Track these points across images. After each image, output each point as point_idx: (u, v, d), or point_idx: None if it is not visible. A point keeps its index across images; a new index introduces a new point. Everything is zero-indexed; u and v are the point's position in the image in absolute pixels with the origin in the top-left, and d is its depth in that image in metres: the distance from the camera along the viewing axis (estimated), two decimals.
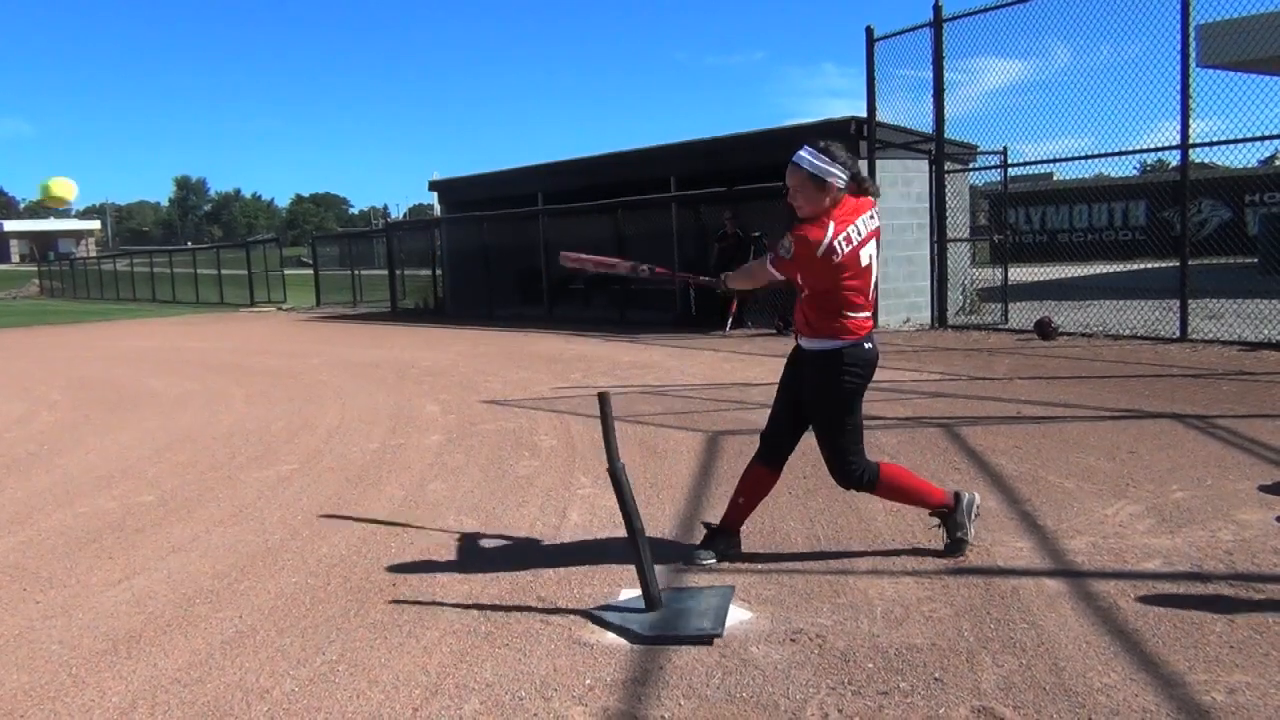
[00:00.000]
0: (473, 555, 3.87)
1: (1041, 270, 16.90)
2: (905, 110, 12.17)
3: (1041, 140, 17.25)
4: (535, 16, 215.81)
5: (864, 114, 12.21)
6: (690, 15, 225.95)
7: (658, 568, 3.29)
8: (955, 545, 3.60)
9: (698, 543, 3.75)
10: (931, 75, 11.66)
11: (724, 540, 3.70)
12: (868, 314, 3.51)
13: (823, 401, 3.51)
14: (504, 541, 4.03)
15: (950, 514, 3.61)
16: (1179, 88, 9.39)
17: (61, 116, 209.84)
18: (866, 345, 3.48)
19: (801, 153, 3.40)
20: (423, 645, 3.00)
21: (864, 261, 3.44)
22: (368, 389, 8.86)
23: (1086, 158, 11.31)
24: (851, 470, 3.54)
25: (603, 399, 3.21)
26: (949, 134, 11.90)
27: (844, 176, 3.39)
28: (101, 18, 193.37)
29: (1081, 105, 14.29)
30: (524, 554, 3.85)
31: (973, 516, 3.64)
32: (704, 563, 3.62)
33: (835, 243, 3.34)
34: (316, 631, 3.14)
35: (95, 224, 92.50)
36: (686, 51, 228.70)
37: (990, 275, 12.99)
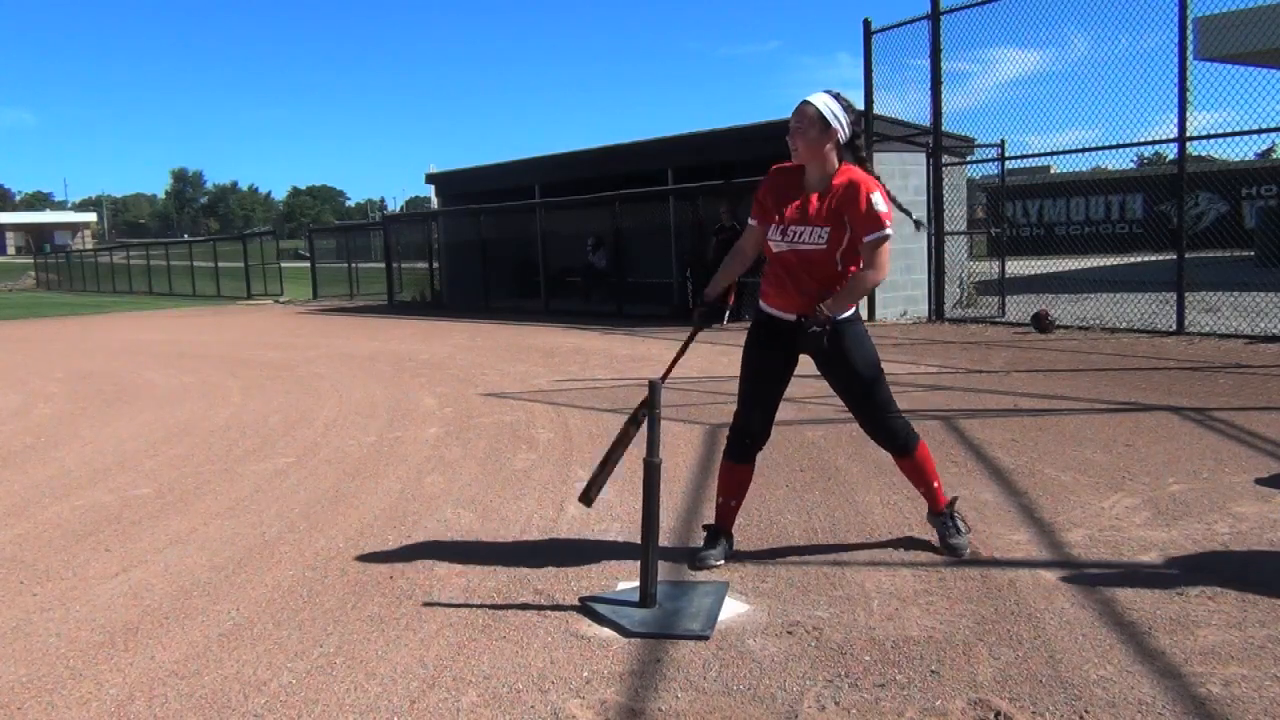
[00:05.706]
0: (470, 548, 3.87)
1: (1039, 263, 16.90)
2: (913, 102, 12.17)
3: (1039, 133, 17.21)
4: (546, 5, 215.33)
5: (863, 106, 12.20)
6: (704, 5, 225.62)
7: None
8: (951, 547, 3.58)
9: (696, 538, 3.75)
10: (929, 67, 11.66)
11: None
12: None
13: (870, 363, 3.44)
14: (501, 535, 4.03)
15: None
16: (1177, 80, 9.39)
17: (62, 107, 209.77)
18: None
19: (816, 94, 3.38)
20: (420, 638, 3.00)
21: None
22: (365, 382, 8.85)
23: (1084, 150, 11.29)
24: (900, 424, 3.51)
25: (652, 389, 3.11)
26: (948, 127, 11.89)
27: (846, 130, 3.35)
28: (103, 10, 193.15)
29: (1079, 98, 14.29)
30: (521, 547, 3.85)
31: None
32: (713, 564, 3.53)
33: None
34: (314, 624, 3.14)
35: (91, 216, 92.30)
36: (700, 41, 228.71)
37: (987, 268, 13.00)
